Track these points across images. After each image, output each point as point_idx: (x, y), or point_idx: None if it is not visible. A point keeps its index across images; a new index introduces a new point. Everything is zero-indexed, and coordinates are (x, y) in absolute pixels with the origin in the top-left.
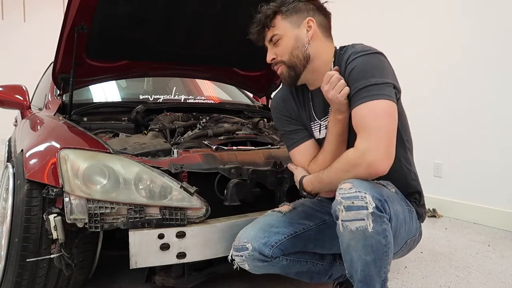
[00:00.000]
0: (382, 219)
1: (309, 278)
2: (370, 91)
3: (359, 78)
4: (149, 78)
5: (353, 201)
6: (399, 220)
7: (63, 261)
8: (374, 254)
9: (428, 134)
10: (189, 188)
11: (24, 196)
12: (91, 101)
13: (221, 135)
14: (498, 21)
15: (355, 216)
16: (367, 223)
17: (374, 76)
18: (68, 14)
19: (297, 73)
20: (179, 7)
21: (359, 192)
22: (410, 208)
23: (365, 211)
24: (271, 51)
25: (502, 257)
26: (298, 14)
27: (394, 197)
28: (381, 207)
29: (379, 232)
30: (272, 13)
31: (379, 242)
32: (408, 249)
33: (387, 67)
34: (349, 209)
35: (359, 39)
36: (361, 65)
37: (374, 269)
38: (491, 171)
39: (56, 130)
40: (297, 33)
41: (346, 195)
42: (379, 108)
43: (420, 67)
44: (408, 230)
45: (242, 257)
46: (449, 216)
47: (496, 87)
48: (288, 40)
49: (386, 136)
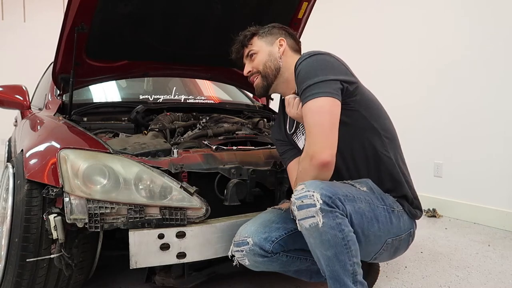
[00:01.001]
0: (334, 214)
1: (309, 276)
2: (311, 91)
3: (302, 80)
4: (149, 78)
5: (302, 200)
6: (365, 218)
7: (63, 261)
8: (333, 248)
9: (428, 134)
10: (189, 188)
11: (24, 196)
12: (91, 101)
13: (221, 135)
14: (498, 20)
15: (306, 214)
16: (317, 219)
17: (316, 76)
18: (68, 14)
19: (269, 82)
20: (179, 7)
21: (308, 191)
22: (389, 207)
23: (313, 208)
24: (248, 65)
25: (502, 257)
26: (272, 35)
27: (359, 195)
28: (331, 203)
29: (332, 226)
30: (250, 34)
31: (335, 236)
32: (394, 250)
33: (330, 64)
34: (300, 208)
35: (359, 38)
36: (304, 68)
37: (338, 263)
38: (491, 171)
39: (56, 130)
40: (270, 49)
41: (298, 196)
42: (315, 106)
43: (420, 67)
44: (385, 229)
45: (243, 252)
46: (449, 216)
47: (496, 87)
48: (262, 55)
49: (321, 129)
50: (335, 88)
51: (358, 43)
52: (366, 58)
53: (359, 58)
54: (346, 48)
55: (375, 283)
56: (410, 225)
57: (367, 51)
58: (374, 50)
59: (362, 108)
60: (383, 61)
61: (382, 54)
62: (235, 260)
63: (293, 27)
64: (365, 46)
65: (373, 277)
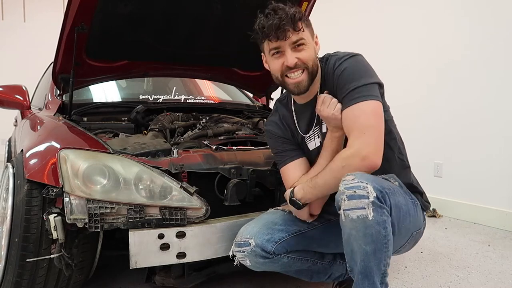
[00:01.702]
0: (382, 210)
1: (309, 276)
2: (360, 92)
3: (349, 80)
4: (149, 78)
5: (355, 190)
6: (401, 212)
7: (63, 261)
8: (374, 244)
9: (428, 134)
10: (189, 188)
11: (24, 196)
12: (91, 101)
13: (221, 135)
14: (498, 20)
15: (356, 205)
16: (368, 212)
17: (362, 77)
18: (68, 14)
19: (312, 82)
20: (179, 7)
21: (361, 182)
22: (415, 201)
23: (366, 200)
24: (292, 55)
25: (502, 257)
26: (311, 27)
27: (396, 190)
28: (381, 198)
29: (379, 222)
30: (299, 17)
31: (379, 232)
32: (414, 242)
33: (370, 66)
34: (351, 198)
35: (359, 38)
36: (349, 67)
37: (374, 260)
38: (491, 171)
39: (56, 130)
40: (313, 44)
41: (348, 185)
42: (369, 108)
43: (420, 67)
44: (413, 222)
45: (244, 253)
46: (449, 216)
47: (496, 87)
48: (311, 49)
49: (376, 133)
50: (379, 92)
51: (358, 42)
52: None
53: None
54: (346, 47)
55: None
56: (424, 216)
57: (367, 50)
58: (374, 49)
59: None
60: (383, 61)
61: (382, 54)
62: (236, 260)
63: None
64: (365, 46)
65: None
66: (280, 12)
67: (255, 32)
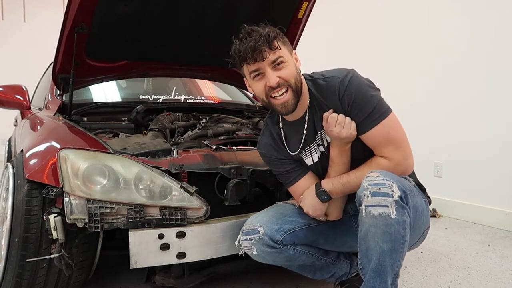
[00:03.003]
0: (404, 211)
1: (312, 273)
2: (380, 111)
3: (363, 103)
4: (149, 78)
5: (380, 188)
6: (418, 212)
7: (63, 261)
8: (392, 243)
9: (428, 134)
10: (189, 188)
11: (24, 196)
12: (91, 101)
13: (221, 135)
14: (498, 20)
15: (379, 202)
16: (390, 210)
17: (372, 96)
18: (68, 14)
19: (298, 99)
20: (179, 7)
21: (387, 180)
22: (426, 200)
23: (390, 198)
24: (273, 74)
25: (502, 257)
26: (288, 44)
27: (414, 190)
28: (404, 198)
29: (399, 222)
30: (274, 36)
31: (398, 232)
32: (422, 239)
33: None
34: (375, 194)
35: (358, 38)
36: (358, 91)
37: (389, 259)
38: (491, 171)
39: (56, 130)
40: (292, 61)
41: (373, 182)
42: (393, 122)
43: (420, 67)
44: (426, 221)
45: (252, 241)
46: (449, 216)
47: (496, 87)
48: (291, 66)
49: (407, 142)
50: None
51: (357, 43)
52: (366, 58)
53: (359, 58)
54: (346, 48)
55: None
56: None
57: (367, 51)
58: (374, 50)
59: None
60: (383, 62)
61: (382, 55)
62: (241, 250)
63: (293, 27)
64: (364, 46)
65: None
66: (254, 34)
67: (232, 58)
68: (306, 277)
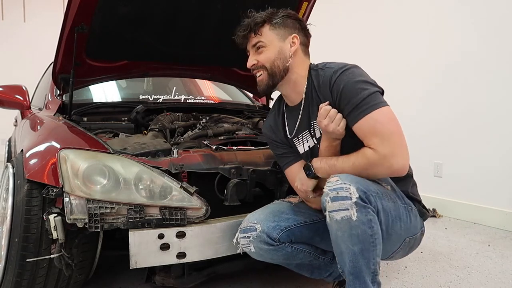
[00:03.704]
0: (367, 210)
1: (310, 272)
2: (369, 103)
3: (352, 94)
4: (149, 78)
5: (338, 192)
6: (390, 216)
7: (63, 261)
8: (361, 244)
9: (428, 134)
10: (189, 188)
11: (24, 196)
12: (91, 101)
13: (221, 135)
14: (499, 21)
15: (340, 206)
16: (351, 213)
17: (365, 88)
18: (68, 14)
19: (275, 82)
20: (179, 7)
21: (344, 183)
22: (408, 206)
23: (349, 201)
24: (252, 57)
25: (502, 257)
26: (286, 28)
27: (386, 194)
28: (365, 199)
29: (364, 222)
30: (261, 21)
31: (365, 232)
32: (408, 248)
33: (367, 76)
34: (334, 199)
35: (358, 38)
36: (349, 82)
37: (362, 260)
38: (491, 171)
39: (56, 130)
40: (281, 45)
41: (332, 187)
42: (383, 115)
43: (420, 67)
44: (406, 227)
45: (249, 238)
46: (449, 216)
47: (496, 87)
48: (272, 50)
49: (400, 139)
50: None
51: (358, 43)
52: (366, 58)
53: (359, 58)
54: (348, 48)
55: None
56: (421, 223)
57: (367, 51)
58: (374, 50)
59: None
60: (383, 62)
61: (383, 55)
62: (239, 248)
63: None
64: (365, 46)
65: None
66: (246, 20)
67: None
68: (305, 277)
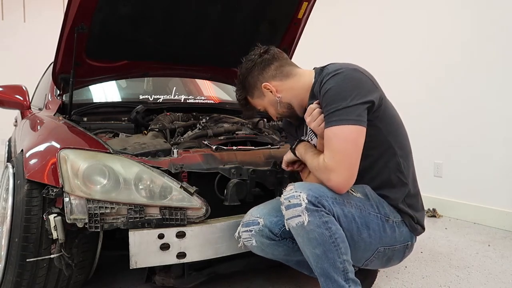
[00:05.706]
0: (320, 213)
1: (309, 270)
2: (339, 116)
3: (330, 102)
4: (149, 78)
5: (290, 200)
6: (354, 223)
7: (63, 261)
8: (321, 246)
9: (428, 134)
10: (189, 188)
11: (24, 196)
12: (91, 101)
13: (221, 135)
14: (498, 21)
15: (293, 214)
16: (303, 218)
17: (344, 99)
18: (68, 14)
19: (293, 114)
20: (179, 7)
21: (296, 191)
22: (384, 216)
23: (299, 207)
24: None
25: (502, 257)
26: (255, 87)
27: (350, 200)
28: (317, 203)
29: (318, 225)
30: (244, 100)
31: (322, 234)
32: (386, 259)
33: (358, 83)
34: (288, 207)
35: (358, 38)
36: (333, 88)
37: (327, 261)
38: (491, 171)
39: (56, 130)
40: (267, 100)
41: (286, 196)
42: (343, 133)
43: (420, 67)
44: (377, 237)
45: (251, 232)
46: (449, 216)
47: (496, 87)
48: (268, 108)
49: (346, 159)
50: (362, 113)
51: (357, 43)
52: (366, 58)
53: (359, 58)
54: (347, 48)
55: (375, 283)
56: (409, 237)
57: (367, 51)
58: (374, 50)
59: (383, 125)
60: (383, 61)
61: (383, 55)
62: (240, 242)
63: (293, 27)
64: (364, 46)
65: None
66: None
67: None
68: (306, 276)
